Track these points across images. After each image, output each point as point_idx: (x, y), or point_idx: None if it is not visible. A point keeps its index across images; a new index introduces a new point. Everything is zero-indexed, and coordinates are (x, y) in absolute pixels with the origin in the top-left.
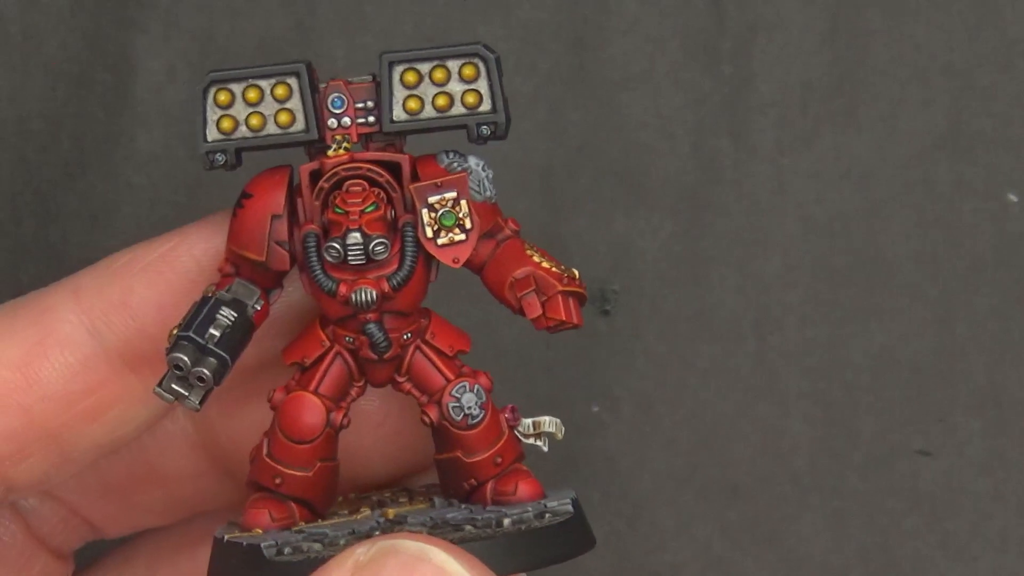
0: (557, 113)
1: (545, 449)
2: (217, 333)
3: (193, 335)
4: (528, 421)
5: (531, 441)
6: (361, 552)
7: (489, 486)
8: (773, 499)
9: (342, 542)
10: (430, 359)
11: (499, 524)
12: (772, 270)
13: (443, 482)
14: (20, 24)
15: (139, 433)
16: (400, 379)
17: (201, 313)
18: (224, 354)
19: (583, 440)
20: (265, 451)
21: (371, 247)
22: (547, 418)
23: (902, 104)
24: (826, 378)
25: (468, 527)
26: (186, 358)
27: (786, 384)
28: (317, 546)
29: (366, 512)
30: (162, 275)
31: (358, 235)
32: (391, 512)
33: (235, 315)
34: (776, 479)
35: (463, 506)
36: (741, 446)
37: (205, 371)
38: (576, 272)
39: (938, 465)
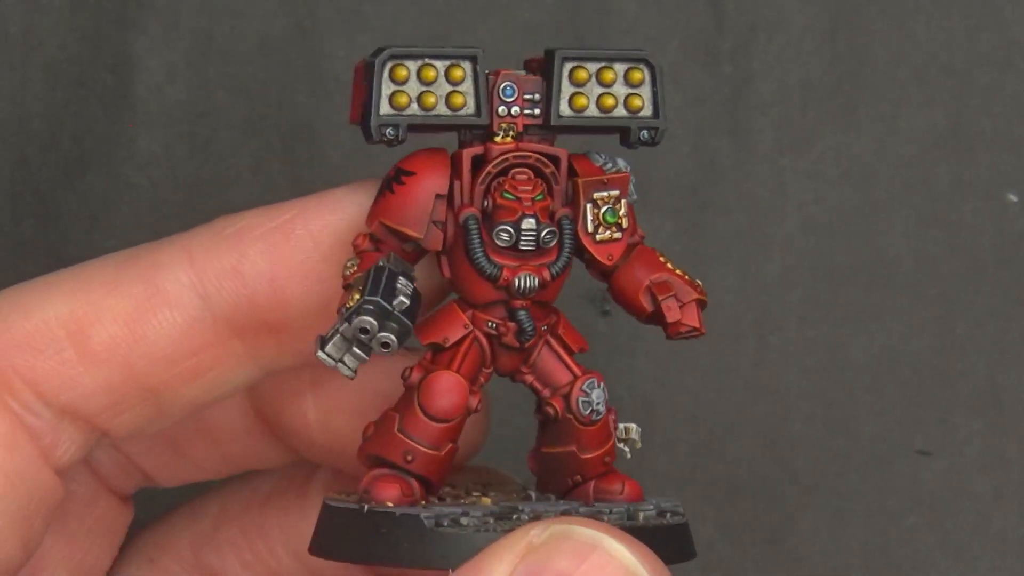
0: None
1: (629, 456)
2: (407, 301)
3: (381, 300)
4: (621, 425)
5: (620, 445)
6: (535, 533)
7: (592, 484)
8: (773, 499)
9: (491, 520)
10: (558, 354)
11: (632, 517)
12: (772, 270)
13: (544, 476)
14: (20, 24)
15: (233, 394)
16: (525, 370)
17: (381, 280)
18: (408, 322)
19: None
20: (396, 427)
21: (542, 235)
22: (634, 425)
23: (902, 104)
24: (826, 378)
25: (604, 518)
26: (375, 322)
27: (786, 384)
28: (475, 520)
29: (473, 497)
30: (277, 246)
31: (533, 221)
32: (487, 500)
33: (412, 285)
34: (776, 479)
35: (561, 501)
36: (741, 446)
37: (392, 336)
38: (700, 282)
39: (938, 465)
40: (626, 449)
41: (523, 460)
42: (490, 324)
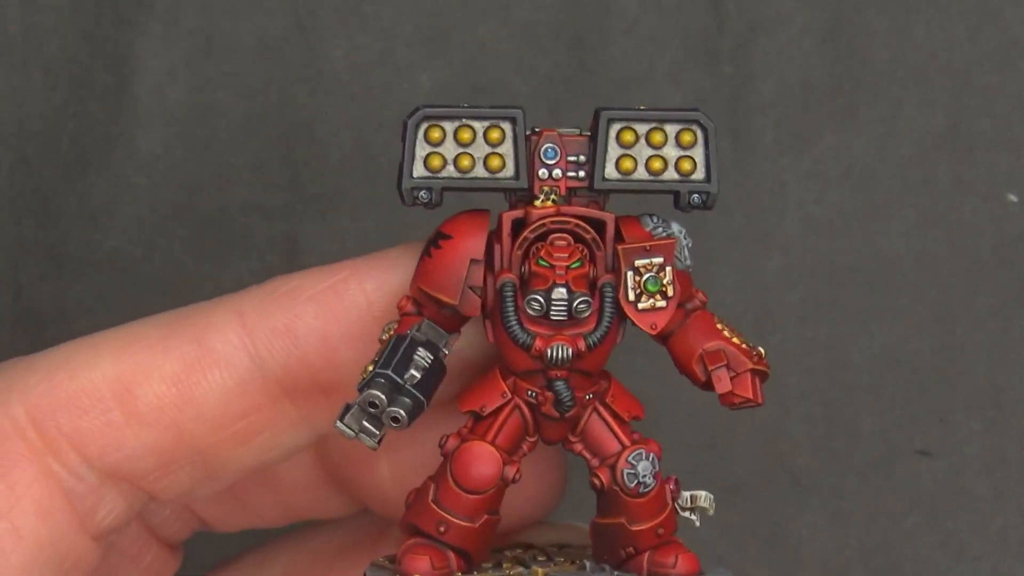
0: (557, 113)
1: (697, 524)
2: (417, 375)
3: (392, 374)
4: (687, 494)
5: (686, 514)
6: None
7: (646, 556)
8: (773, 499)
9: None
10: (607, 422)
11: None
12: (772, 270)
13: (598, 546)
14: (20, 24)
15: (286, 458)
16: (573, 439)
17: (399, 352)
18: (421, 396)
19: None
20: (431, 496)
21: (575, 304)
22: (703, 492)
23: (902, 104)
24: (826, 378)
25: None
26: (383, 396)
27: (786, 384)
28: None
29: (520, 570)
30: (329, 306)
31: (564, 291)
32: (540, 571)
33: (431, 357)
34: (776, 479)
35: (615, 573)
36: (741, 446)
37: (401, 412)
38: (763, 350)
39: (938, 465)
40: (694, 518)
41: None
42: (530, 393)
